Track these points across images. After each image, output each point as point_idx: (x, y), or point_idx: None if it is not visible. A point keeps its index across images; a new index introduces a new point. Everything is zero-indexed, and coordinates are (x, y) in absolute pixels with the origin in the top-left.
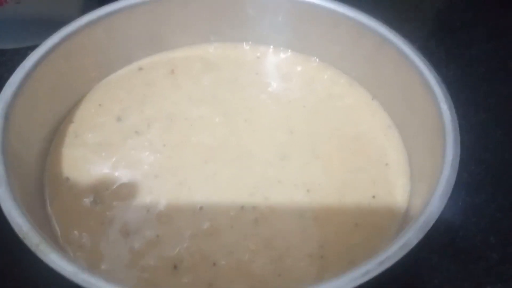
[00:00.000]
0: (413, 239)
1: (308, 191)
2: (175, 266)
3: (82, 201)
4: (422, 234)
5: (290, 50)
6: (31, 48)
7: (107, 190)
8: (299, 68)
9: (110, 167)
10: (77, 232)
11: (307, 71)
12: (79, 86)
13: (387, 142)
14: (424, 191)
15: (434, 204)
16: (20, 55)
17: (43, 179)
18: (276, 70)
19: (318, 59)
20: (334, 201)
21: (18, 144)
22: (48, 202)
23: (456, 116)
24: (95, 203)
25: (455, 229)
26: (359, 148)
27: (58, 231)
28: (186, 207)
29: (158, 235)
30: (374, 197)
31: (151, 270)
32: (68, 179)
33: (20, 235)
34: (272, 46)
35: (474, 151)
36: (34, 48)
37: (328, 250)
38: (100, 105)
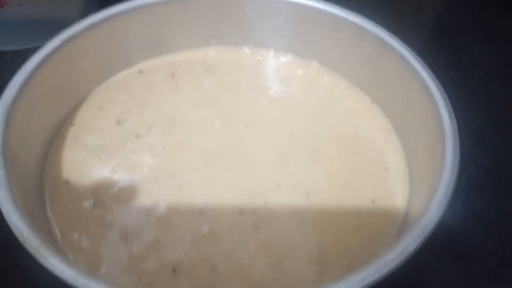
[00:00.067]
0: (412, 244)
1: (307, 195)
2: (175, 270)
3: (82, 204)
4: (421, 239)
5: (290, 54)
6: (31, 50)
7: (107, 193)
8: (299, 72)
9: (110, 170)
10: (76, 235)
11: (307, 75)
12: (80, 89)
13: (386, 146)
14: (423, 195)
15: (433, 208)
16: (20, 57)
17: (43, 181)
18: (276, 74)
19: (318, 63)
20: (334, 205)
21: (18, 146)
22: (48, 204)
23: (455, 120)
24: (95, 206)
25: (454, 232)
26: (358, 151)
27: (58, 234)
28: (186, 211)
29: (157, 239)
30: (373, 200)
31: (151, 273)
32: (68, 181)
33: (20, 239)
34: (272, 50)
35: (473, 155)
36: (35, 50)
37: (327, 254)
38: (100, 108)
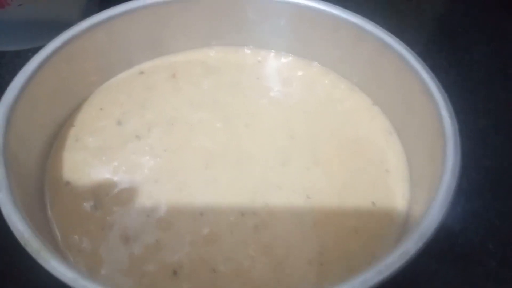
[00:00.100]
0: (413, 247)
1: (308, 196)
2: (175, 272)
3: (82, 205)
4: (422, 242)
5: (291, 55)
6: (32, 51)
7: (107, 195)
8: (300, 73)
9: (111, 171)
10: (77, 237)
11: (308, 76)
12: (80, 90)
13: (387, 148)
14: (424, 197)
15: (434, 211)
16: (21, 58)
17: (43, 182)
18: (277, 75)
19: (319, 64)
20: (334, 206)
21: (18, 147)
22: (48, 205)
23: (456, 122)
24: (95, 207)
25: (455, 234)
26: (359, 152)
27: (58, 235)
28: (186, 213)
29: (158, 241)
30: (374, 203)
31: (151, 275)
32: (68, 183)
33: (21, 241)
34: (273, 51)
35: (473, 157)
36: (35, 51)
37: (327, 256)
38: (101, 109)
